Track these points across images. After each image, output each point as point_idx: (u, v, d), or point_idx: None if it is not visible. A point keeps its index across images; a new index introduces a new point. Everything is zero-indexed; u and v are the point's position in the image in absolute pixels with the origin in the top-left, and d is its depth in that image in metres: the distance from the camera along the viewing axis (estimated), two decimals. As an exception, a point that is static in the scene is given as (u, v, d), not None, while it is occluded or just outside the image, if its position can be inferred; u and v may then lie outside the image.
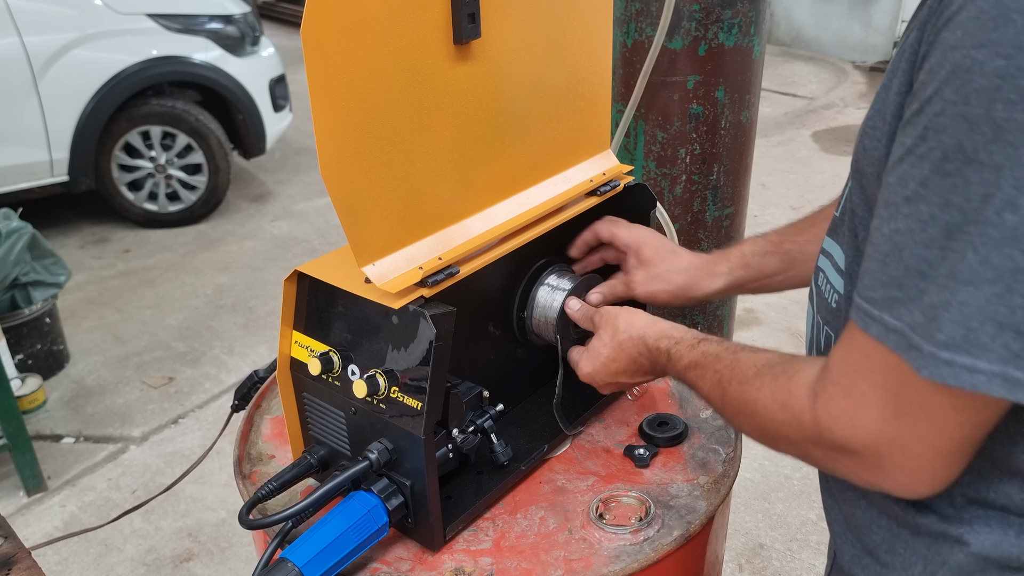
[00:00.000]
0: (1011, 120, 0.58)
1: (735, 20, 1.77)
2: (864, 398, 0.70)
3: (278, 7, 10.47)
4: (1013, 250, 0.60)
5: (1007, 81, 0.58)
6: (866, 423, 0.70)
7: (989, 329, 0.61)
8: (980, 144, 0.60)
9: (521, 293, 1.22)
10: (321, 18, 0.85)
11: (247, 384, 1.37)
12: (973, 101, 0.60)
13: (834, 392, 0.72)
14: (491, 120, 1.10)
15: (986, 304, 0.61)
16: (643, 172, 1.92)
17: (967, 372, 0.62)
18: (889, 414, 0.68)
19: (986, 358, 0.62)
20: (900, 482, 0.71)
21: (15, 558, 1.18)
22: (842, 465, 0.75)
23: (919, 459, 0.69)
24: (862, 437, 0.70)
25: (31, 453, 2.81)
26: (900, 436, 0.69)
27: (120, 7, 4.42)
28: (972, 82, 0.60)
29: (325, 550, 0.97)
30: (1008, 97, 0.58)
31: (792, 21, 8.54)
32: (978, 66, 0.60)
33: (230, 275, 4.39)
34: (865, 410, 0.70)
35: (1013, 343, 0.61)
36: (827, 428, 0.73)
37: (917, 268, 0.64)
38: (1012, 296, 0.60)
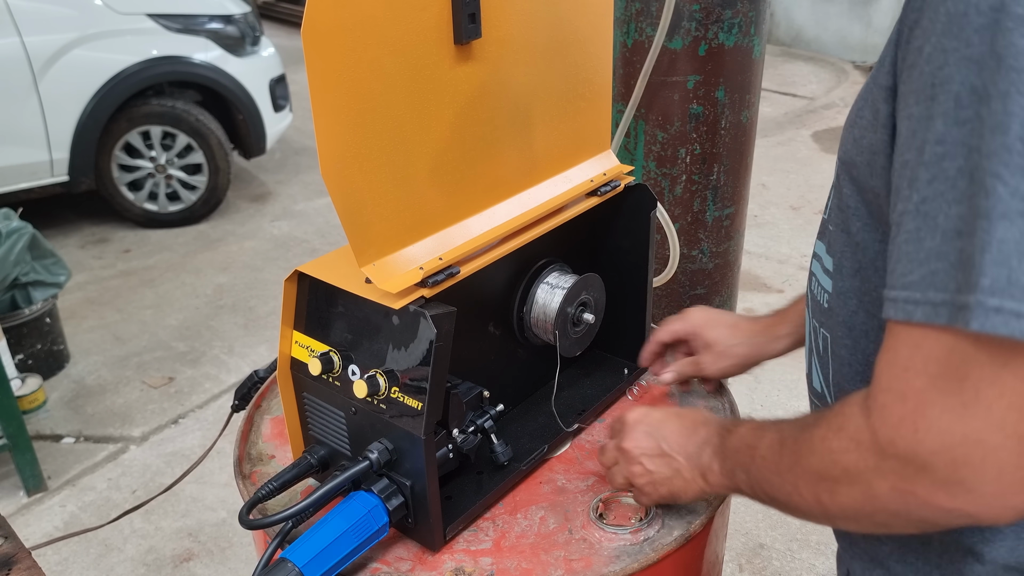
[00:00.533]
0: (1011, 46, 0.58)
1: (735, 20, 1.77)
2: (923, 396, 0.62)
3: (278, 7, 10.47)
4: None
5: (1003, 11, 0.58)
6: (932, 424, 0.61)
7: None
8: (988, 79, 0.58)
9: (521, 293, 1.22)
10: (321, 18, 0.85)
11: (247, 384, 1.37)
12: (975, 41, 0.59)
13: (887, 399, 0.64)
14: (491, 120, 1.10)
15: (1021, 238, 0.56)
16: (643, 172, 1.92)
17: (1015, 318, 0.56)
18: (956, 405, 0.60)
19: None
20: (986, 495, 0.61)
21: (15, 558, 1.18)
22: (914, 496, 0.64)
23: (1003, 455, 0.59)
24: (931, 442, 0.61)
25: (31, 453, 2.81)
26: (975, 429, 0.59)
27: (120, 7, 4.41)
28: (970, 23, 0.60)
29: (325, 550, 0.97)
30: (1006, 26, 0.58)
31: (792, 21, 8.54)
32: (973, 7, 0.59)
33: (230, 275, 4.39)
34: (928, 409, 0.61)
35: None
36: (888, 442, 0.64)
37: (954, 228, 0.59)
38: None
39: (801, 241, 4.59)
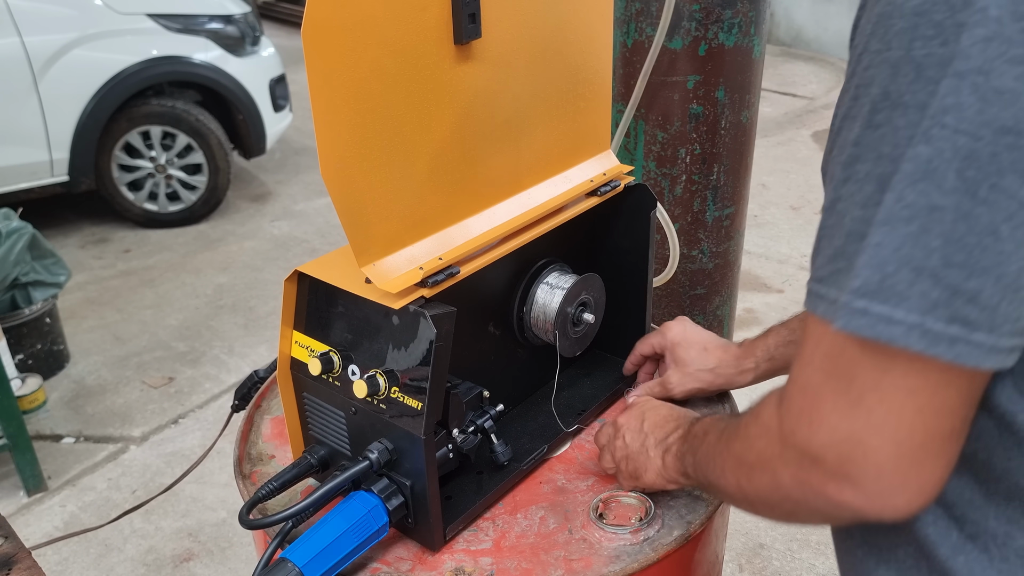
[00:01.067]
0: (929, 56, 0.57)
1: (735, 20, 1.77)
2: (818, 391, 0.64)
3: (278, 7, 10.47)
4: (928, 185, 0.56)
5: (923, 17, 0.57)
6: (824, 419, 0.64)
7: (905, 274, 0.57)
8: (904, 86, 0.58)
9: (521, 293, 1.22)
10: (321, 18, 0.85)
11: (247, 384, 1.37)
12: (895, 44, 0.59)
13: (793, 390, 0.67)
14: (491, 120, 1.10)
15: (901, 245, 0.57)
16: (643, 172, 1.92)
17: (883, 322, 0.58)
18: (844, 405, 0.62)
19: (904, 306, 0.57)
20: (870, 494, 0.63)
21: (15, 558, 1.18)
22: (810, 486, 0.67)
23: (883, 458, 0.62)
24: (821, 436, 0.64)
25: (31, 453, 2.81)
26: (857, 431, 0.62)
27: (120, 7, 4.41)
28: (893, 26, 0.59)
29: (325, 550, 0.97)
30: (925, 33, 0.57)
31: (792, 21, 8.54)
32: (897, 9, 0.59)
33: (230, 275, 4.39)
34: (821, 404, 0.64)
35: (931, 290, 0.56)
36: (789, 432, 0.67)
37: (857, 231, 0.60)
38: (928, 237, 0.56)
39: (801, 241, 4.59)
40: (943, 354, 0.57)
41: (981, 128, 0.55)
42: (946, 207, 0.56)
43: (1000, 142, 0.55)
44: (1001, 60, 0.54)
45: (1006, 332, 0.57)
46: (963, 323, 0.57)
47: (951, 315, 0.57)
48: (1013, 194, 0.55)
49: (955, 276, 0.56)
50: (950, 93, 0.56)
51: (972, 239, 0.56)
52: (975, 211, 0.55)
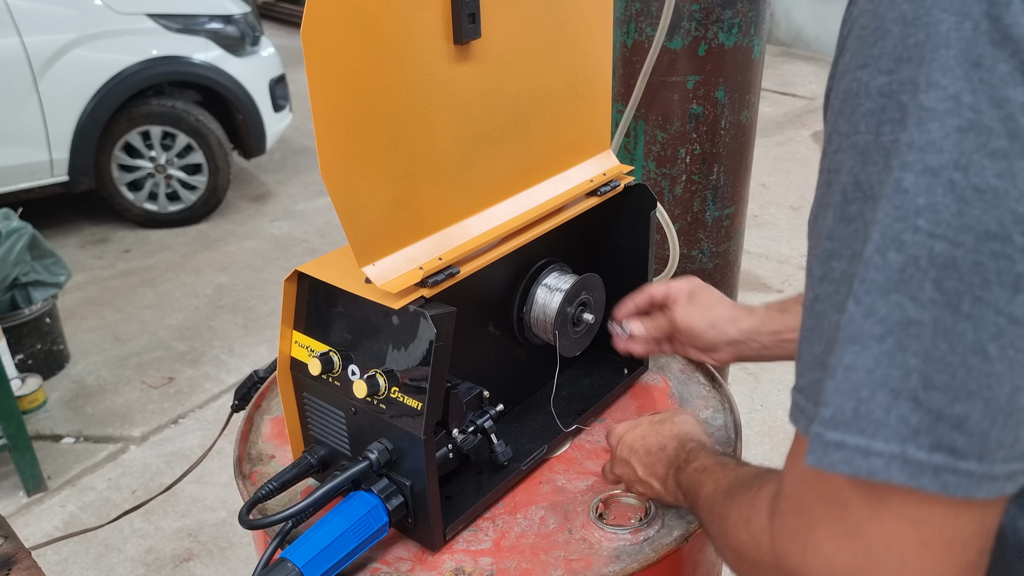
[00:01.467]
0: (896, 142, 0.50)
1: (735, 20, 1.77)
2: (813, 515, 0.56)
3: (278, 7, 10.47)
4: (902, 297, 0.49)
5: (891, 99, 0.51)
6: (819, 547, 0.56)
7: (882, 398, 0.50)
8: (874, 176, 0.51)
9: (521, 293, 1.22)
10: (321, 18, 0.85)
11: (247, 384, 1.37)
12: (862, 127, 0.52)
13: (787, 507, 0.59)
14: (491, 120, 1.10)
15: (876, 366, 0.50)
16: (643, 172, 1.92)
17: (861, 455, 0.51)
18: (839, 533, 0.55)
19: (881, 435, 0.50)
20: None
21: (15, 558, 1.18)
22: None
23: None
24: (816, 566, 0.56)
25: (31, 453, 2.81)
26: (857, 564, 0.54)
27: (120, 7, 4.41)
28: (860, 106, 0.53)
29: (325, 550, 0.97)
30: (893, 116, 0.51)
31: (792, 21, 8.54)
32: (864, 88, 0.52)
33: (230, 275, 4.39)
34: (816, 530, 0.56)
35: (911, 415, 0.50)
36: (782, 554, 0.59)
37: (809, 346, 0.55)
38: (905, 355, 0.49)
39: (801, 241, 4.59)
40: (928, 485, 0.50)
41: (960, 233, 0.48)
42: (924, 322, 0.49)
43: (984, 249, 0.48)
44: (980, 154, 0.48)
45: (1000, 459, 0.50)
46: (948, 451, 0.50)
47: (934, 442, 0.50)
48: (1001, 309, 0.48)
49: (937, 400, 0.49)
50: (922, 192, 0.49)
51: (955, 359, 0.49)
52: (958, 327, 0.49)
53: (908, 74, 0.50)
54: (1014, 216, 0.48)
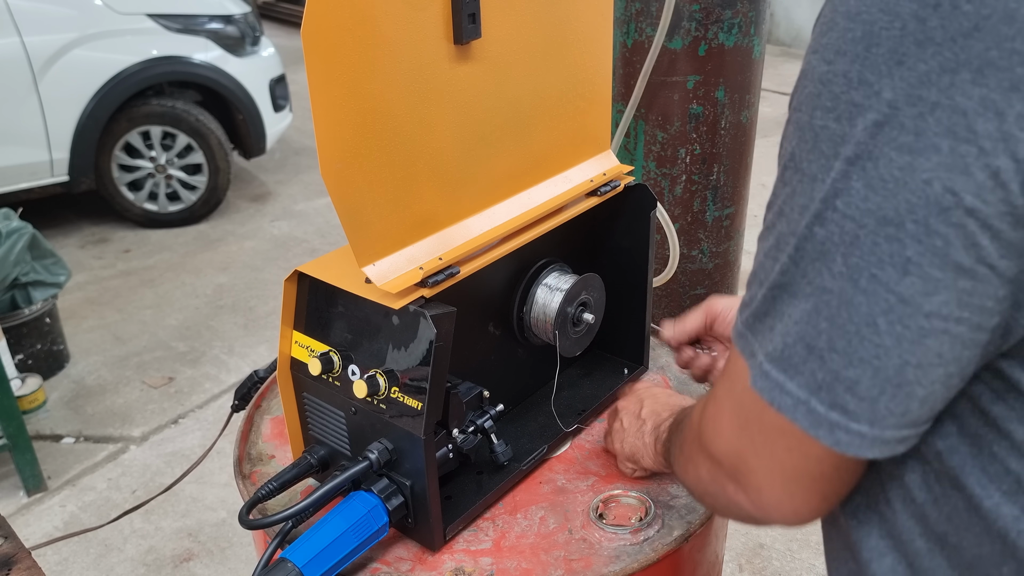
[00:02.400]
0: (825, 129, 0.56)
1: (735, 20, 1.77)
2: (722, 404, 0.68)
3: (278, 7, 10.47)
4: (821, 266, 0.56)
5: (825, 87, 0.56)
6: (722, 430, 0.68)
7: (800, 349, 0.58)
8: (804, 152, 0.58)
9: (521, 293, 1.22)
10: (321, 18, 0.85)
11: (247, 384, 1.37)
12: (803, 107, 0.58)
13: (711, 395, 0.72)
14: (491, 120, 1.10)
15: (799, 320, 0.58)
16: (643, 172, 1.92)
17: (778, 390, 0.60)
18: (736, 424, 0.66)
19: (796, 380, 0.59)
20: (755, 503, 0.67)
21: (15, 558, 1.18)
22: (718, 483, 0.71)
23: (761, 479, 0.65)
24: (720, 444, 0.69)
25: (31, 453, 2.81)
26: (744, 451, 0.66)
27: (120, 7, 4.42)
28: (804, 88, 0.58)
29: (325, 550, 0.97)
30: (825, 104, 0.56)
31: (792, 21, 8.54)
32: (811, 71, 0.58)
33: (230, 275, 4.39)
34: (722, 416, 0.68)
35: (818, 371, 0.57)
36: (700, 431, 0.72)
37: (757, 274, 0.63)
38: (819, 318, 0.57)
39: (801, 241, 4.59)
40: (823, 438, 0.58)
41: (865, 216, 0.54)
42: (834, 291, 0.56)
43: (881, 232, 0.53)
44: (889, 147, 0.53)
45: (891, 425, 0.57)
46: (842, 411, 0.57)
47: (832, 401, 0.57)
48: (891, 288, 0.54)
49: (836, 362, 0.56)
50: (841, 177, 0.55)
51: (852, 327, 0.55)
52: (855, 299, 0.55)
53: (843, 67, 0.55)
54: (909, 206, 0.52)
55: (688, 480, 0.83)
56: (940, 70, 0.51)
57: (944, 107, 0.51)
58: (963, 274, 0.52)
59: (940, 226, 0.52)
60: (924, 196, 0.52)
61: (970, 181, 0.51)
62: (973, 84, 0.50)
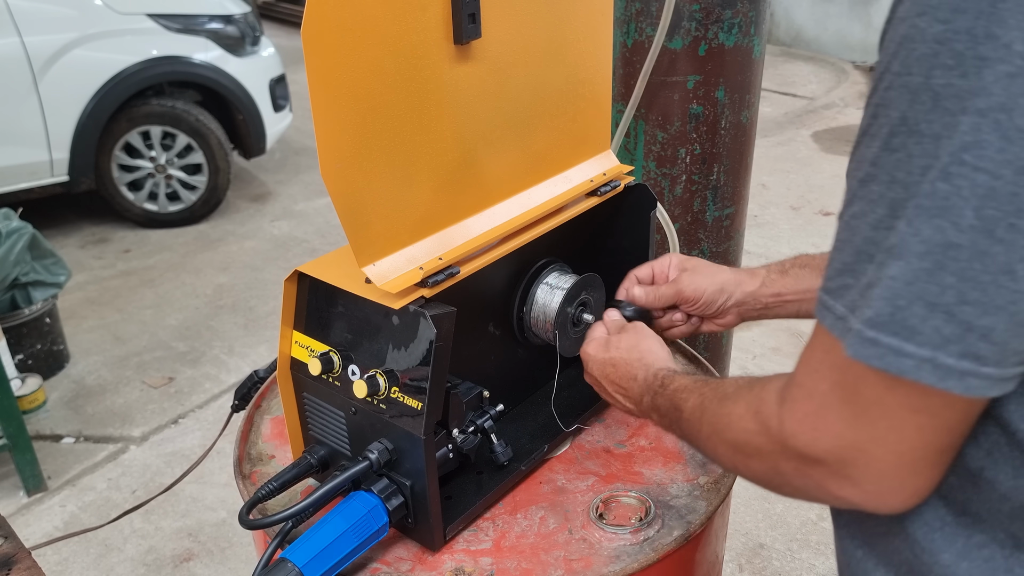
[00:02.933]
0: (948, 86, 0.56)
1: (735, 20, 1.77)
2: (825, 399, 0.66)
3: (278, 7, 10.47)
4: (944, 222, 0.57)
5: (944, 46, 0.56)
6: (828, 427, 0.66)
7: (918, 309, 0.58)
8: (920, 114, 0.58)
9: (521, 293, 1.22)
10: (321, 18, 0.85)
11: (247, 384, 1.37)
12: (915, 70, 0.58)
13: (798, 394, 0.69)
14: (491, 120, 1.10)
15: (915, 280, 0.58)
16: (643, 172, 1.92)
17: (893, 354, 0.59)
18: (849, 415, 0.65)
19: (915, 340, 0.58)
20: (869, 492, 0.67)
21: (15, 558, 1.18)
22: (811, 479, 0.70)
23: (883, 467, 0.65)
24: (825, 443, 0.67)
25: (31, 453, 2.81)
26: (861, 441, 0.64)
27: (120, 7, 4.41)
28: (915, 51, 0.58)
29: (325, 550, 0.97)
30: (946, 63, 0.56)
31: (792, 21, 8.54)
32: (920, 34, 0.58)
33: (230, 275, 4.39)
34: (827, 413, 0.66)
35: (944, 326, 0.58)
36: (791, 434, 0.69)
37: (866, 251, 0.62)
38: (943, 274, 0.57)
39: (801, 241, 4.59)
40: (954, 388, 0.59)
41: (1002, 167, 0.55)
42: (962, 245, 0.56)
43: (1020, 181, 0.54)
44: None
45: (1012, 364, 0.59)
46: (974, 358, 0.58)
47: (963, 351, 0.58)
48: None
49: (969, 313, 0.57)
50: (970, 130, 0.55)
51: (987, 277, 0.56)
52: (992, 250, 0.56)
53: (964, 24, 0.55)
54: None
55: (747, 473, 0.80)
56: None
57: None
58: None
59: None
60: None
61: None
62: None
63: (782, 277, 1.20)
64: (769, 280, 1.21)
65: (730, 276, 1.23)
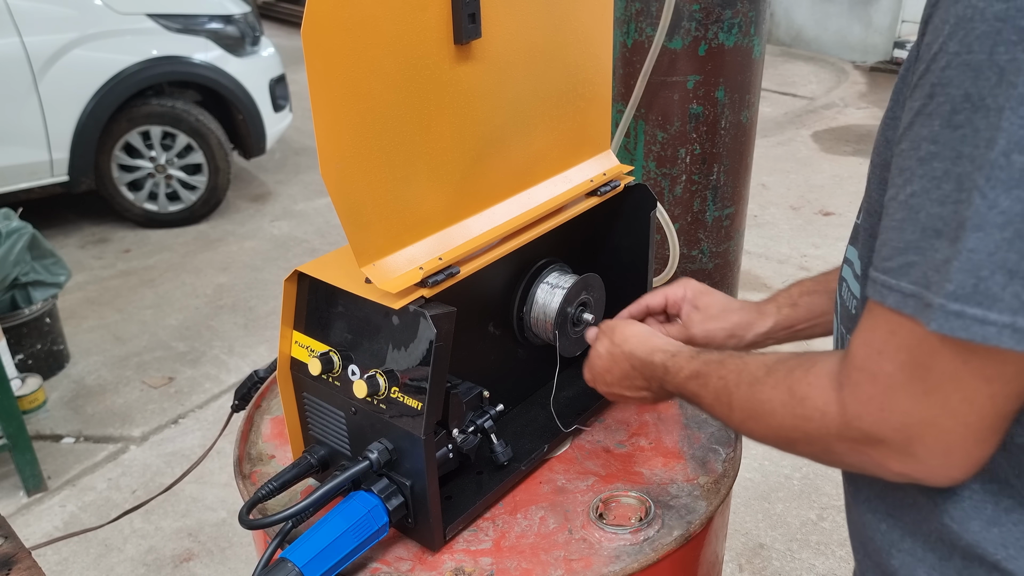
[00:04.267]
0: (1013, 60, 0.58)
1: (735, 20, 1.77)
2: (892, 379, 0.67)
3: (278, 7, 10.47)
4: (1022, 192, 0.58)
5: (1007, 23, 0.58)
6: (896, 406, 0.67)
7: (999, 278, 0.60)
8: (986, 89, 0.59)
9: (521, 293, 1.22)
10: (321, 18, 0.85)
11: (247, 384, 1.37)
12: (976, 48, 0.60)
13: (860, 377, 0.69)
14: (491, 120, 1.10)
15: (996, 251, 0.59)
16: (643, 172, 1.92)
17: (978, 324, 0.60)
18: (919, 392, 0.65)
19: (996, 308, 0.60)
20: (932, 467, 0.68)
21: (15, 558, 1.18)
22: (869, 458, 0.71)
23: (952, 438, 0.66)
24: (893, 421, 0.67)
25: (31, 453, 2.81)
26: (932, 415, 0.65)
27: (120, 7, 4.42)
28: (975, 29, 0.60)
29: (325, 550, 0.97)
30: (1009, 38, 0.58)
31: (792, 21, 8.54)
32: (979, 13, 0.60)
33: (230, 275, 4.39)
34: (895, 392, 0.66)
35: (1022, 291, 0.59)
36: (856, 416, 0.69)
37: (933, 227, 0.63)
38: (1022, 242, 0.59)
39: (801, 241, 4.59)
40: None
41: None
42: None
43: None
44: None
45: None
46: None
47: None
48: None
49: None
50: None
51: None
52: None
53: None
54: None
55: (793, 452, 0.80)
56: None
57: None
58: None
59: None
60: None
61: None
62: None
63: (794, 311, 1.18)
64: (782, 317, 1.19)
65: (742, 319, 1.20)
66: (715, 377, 0.90)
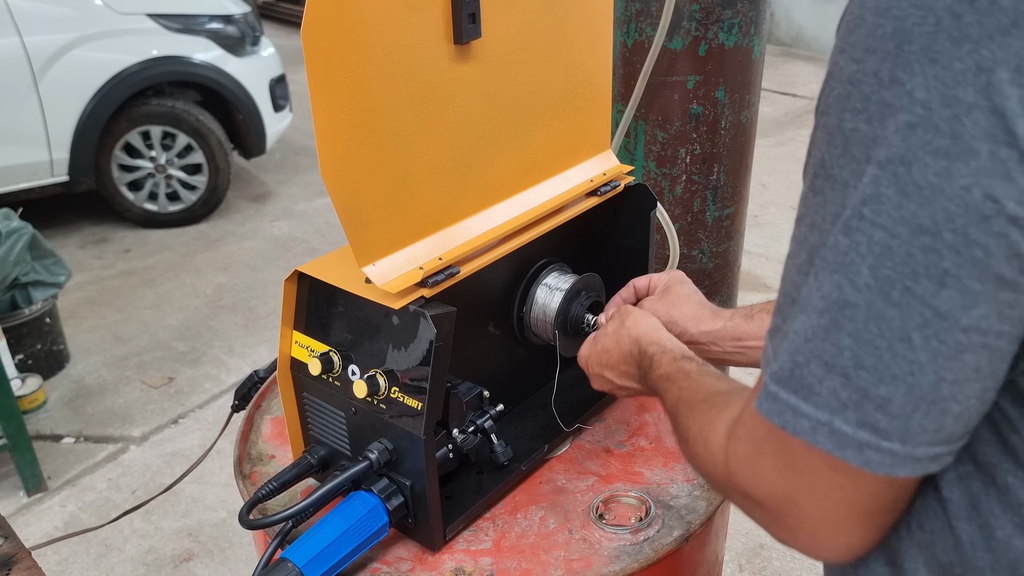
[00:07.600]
0: (856, 132, 0.53)
1: (735, 20, 1.77)
2: (762, 445, 0.61)
3: (278, 7, 10.46)
4: (842, 278, 0.53)
5: (855, 88, 0.53)
6: (764, 473, 0.62)
7: (815, 368, 0.55)
8: (834, 158, 0.54)
9: (521, 293, 1.22)
10: (321, 18, 0.85)
11: (247, 384, 1.37)
12: (832, 111, 0.55)
13: (741, 433, 0.64)
14: (491, 120, 1.10)
15: (813, 337, 0.54)
16: (643, 172, 1.92)
17: (790, 412, 0.56)
18: (781, 466, 0.60)
19: (812, 401, 0.55)
20: (805, 543, 0.63)
21: (15, 558, 1.18)
22: (756, 517, 0.66)
23: (813, 520, 0.60)
24: (762, 488, 0.62)
25: (31, 453, 2.81)
26: (791, 492, 0.60)
27: (120, 7, 4.41)
28: (833, 90, 0.55)
29: (325, 550, 0.97)
30: (854, 105, 0.53)
31: (792, 21, 8.54)
32: (838, 72, 0.54)
33: (230, 275, 4.39)
34: (763, 459, 0.61)
35: (841, 390, 0.54)
36: (734, 472, 0.65)
37: (789, 294, 0.58)
38: (840, 333, 0.53)
39: (801, 241, 4.58)
40: (851, 459, 0.55)
41: (898, 225, 0.50)
42: (859, 304, 0.52)
43: (915, 242, 0.50)
44: (924, 151, 0.49)
45: (923, 442, 0.54)
46: (873, 430, 0.54)
47: (860, 419, 0.54)
48: (927, 301, 0.51)
49: (865, 379, 0.53)
50: (871, 182, 0.52)
51: (883, 343, 0.52)
52: (887, 313, 0.52)
53: (872, 65, 0.52)
54: (946, 214, 0.49)
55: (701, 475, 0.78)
56: (976, 69, 0.48)
57: (981, 108, 0.48)
58: (1005, 286, 0.50)
59: (980, 236, 0.49)
60: (963, 203, 0.49)
61: (1012, 187, 0.48)
62: (1011, 84, 0.47)
63: (747, 322, 1.12)
64: (732, 324, 1.12)
65: (690, 310, 1.15)
66: (675, 387, 0.88)
